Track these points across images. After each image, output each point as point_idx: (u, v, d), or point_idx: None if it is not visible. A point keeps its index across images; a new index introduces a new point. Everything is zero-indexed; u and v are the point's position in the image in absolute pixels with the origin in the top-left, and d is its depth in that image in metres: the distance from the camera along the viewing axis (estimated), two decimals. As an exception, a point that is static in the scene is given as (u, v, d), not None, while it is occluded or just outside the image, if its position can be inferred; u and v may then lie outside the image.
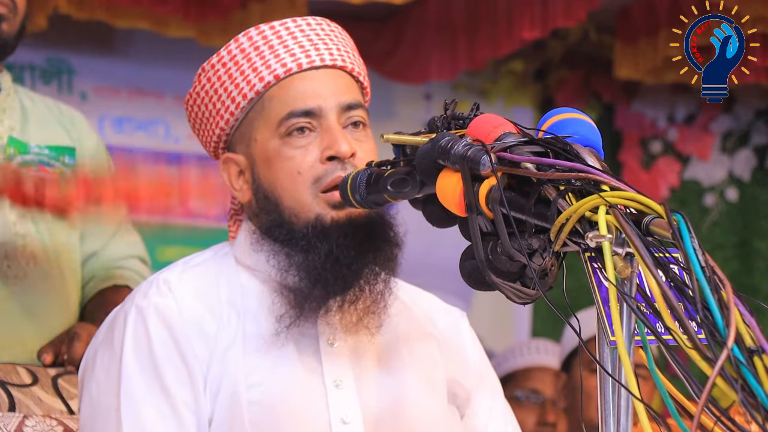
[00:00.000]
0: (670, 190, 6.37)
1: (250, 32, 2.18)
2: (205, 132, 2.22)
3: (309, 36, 2.18)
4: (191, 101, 2.22)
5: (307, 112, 2.12)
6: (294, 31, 2.18)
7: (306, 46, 2.16)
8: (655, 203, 1.48)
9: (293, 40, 2.17)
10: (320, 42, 2.17)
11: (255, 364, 2.08)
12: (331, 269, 2.07)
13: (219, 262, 2.19)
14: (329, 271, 2.07)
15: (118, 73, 5.60)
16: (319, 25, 2.20)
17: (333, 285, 2.07)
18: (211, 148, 2.24)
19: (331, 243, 2.07)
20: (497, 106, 6.07)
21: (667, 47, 5.06)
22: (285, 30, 2.18)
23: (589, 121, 1.69)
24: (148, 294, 2.11)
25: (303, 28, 2.18)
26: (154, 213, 5.78)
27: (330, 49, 2.17)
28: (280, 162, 2.12)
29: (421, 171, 1.79)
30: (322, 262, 2.07)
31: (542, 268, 1.63)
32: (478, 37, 5.18)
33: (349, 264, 2.07)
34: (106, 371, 2.09)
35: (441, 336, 2.26)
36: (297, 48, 2.16)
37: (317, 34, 2.18)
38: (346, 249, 2.07)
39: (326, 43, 2.17)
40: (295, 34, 2.17)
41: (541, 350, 4.93)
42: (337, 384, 2.11)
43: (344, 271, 2.07)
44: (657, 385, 1.44)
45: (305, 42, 2.17)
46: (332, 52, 2.17)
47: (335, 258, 2.07)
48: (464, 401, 2.24)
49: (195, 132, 2.26)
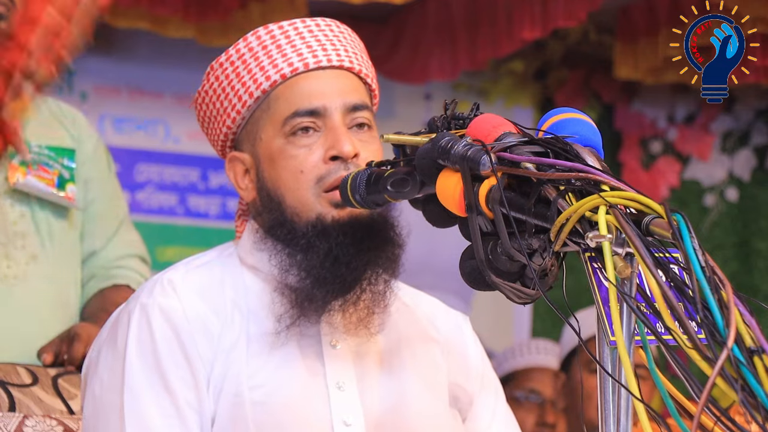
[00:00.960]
0: (670, 190, 6.37)
1: (258, 31, 2.18)
2: (212, 130, 2.22)
3: (317, 36, 2.18)
4: (200, 99, 2.23)
5: (311, 112, 2.12)
6: (302, 31, 2.18)
7: (314, 46, 2.16)
8: (655, 203, 1.48)
9: (301, 40, 2.17)
10: (328, 43, 2.17)
11: (258, 365, 2.08)
12: (329, 268, 2.07)
13: (223, 263, 2.19)
14: (328, 269, 2.07)
15: (118, 73, 5.60)
16: (328, 26, 2.20)
17: (332, 284, 2.07)
18: (218, 147, 2.24)
19: (331, 242, 2.07)
20: (497, 106, 6.08)
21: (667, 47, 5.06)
22: (293, 30, 2.18)
23: (589, 121, 1.69)
24: (153, 293, 2.11)
25: (312, 28, 2.18)
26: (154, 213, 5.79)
27: (338, 50, 2.17)
28: (284, 161, 2.12)
29: (421, 171, 1.79)
30: (321, 261, 2.07)
31: (542, 268, 1.63)
32: (478, 37, 5.19)
33: (348, 262, 2.07)
34: (109, 370, 2.09)
35: (443, 339, 2.26)
36: (305, 48, 2.16)
37: (326, 35, 2.18)
38: (345, 248, 2.07)
39: (334, 44, 2.17)
40: (304, 35, 2.17)
41: (540, 350, 4.93)
42: (340, 386, 2.11)
43: (343, 270, 2.07)
44: (657, 385, 1.44)
45: (313, 42, 2.17)
46: (339, 53, 2.17)
47: (334, 257, 2.07)
48: (466, 405, 2.24)
49: (204, 130, 2.26)
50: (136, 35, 5.39)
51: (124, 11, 4.89)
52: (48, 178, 2.90)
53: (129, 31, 5.24)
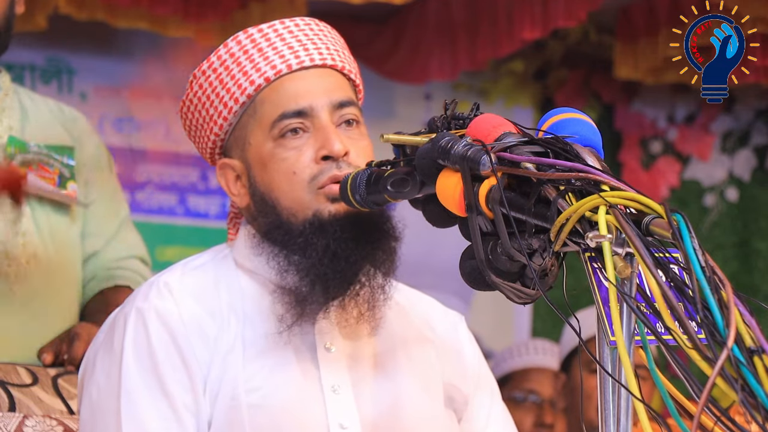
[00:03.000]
0: (670, 190, 6.37)
1: (238, 36, 2.18)
2: (200, 138, 2.22)
3: (297, 36, 2.17)
4: (185, 108, 2.22)
5: (299, 113, 2.12)
6: (282, 32, 2.18)
7: (295, 46, 2.16)
8: (655, 203, 1.48)
9: (282, 41, 2.16)
10: (309, 42, 2.17)
11: (255, 369, 2.08)
12: (329, 264, 2.07)
13: (218, 265, 2.19)
14: (327, 266, 2.07)
15: (118, 73, 5.60)
16: (307, 26, 2.20)
17: (332, 280, 2.07)
18: (207, 154, 2.23)
19: (329, 238, 2.06)
20: (497, 106, 6.07)
21: (667, 47, 5.06)
22: (273, 32, 2.18)
23: (589, 121, 1.69)
24: (149, 296, 2.10)
25: (291, 29, 2.18)
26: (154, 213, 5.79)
27: (319, 48, 2.17)
28: (275, 164, 2.11)
29: (421, 171, 1.79)
30: (320, 258, 2.07)
31: (542, 268, 1.63)
32: (478, 37, 5.19)
33: (347, 257, 2.07)
34: (106, 374, 2.09)
35: (439, 340, 2.25)
36: (286, 49, 2.15)
37: (306, 34, 2.18)
38: (343, 242, 2.06)
39: (315, 43, 2.17)
40: (284, 36, 2.17)
41: (539, 351, 4.93)
42: (335, 389, 2.10)
43: (342, 265, 2.07)
44: (657, 385, 1.44)
45: (294, 43, 2.16)
46: (321, 52, 2.16)
47: (333, 252, 2.07)
48: (462, 405, 2.24)
49: (190, 138, 2.25)
50: (136, 35, 5.39)
51: (124, 11, 4.89)
52: (49, 177, 2.90)
53: (129, 31, 5.24)
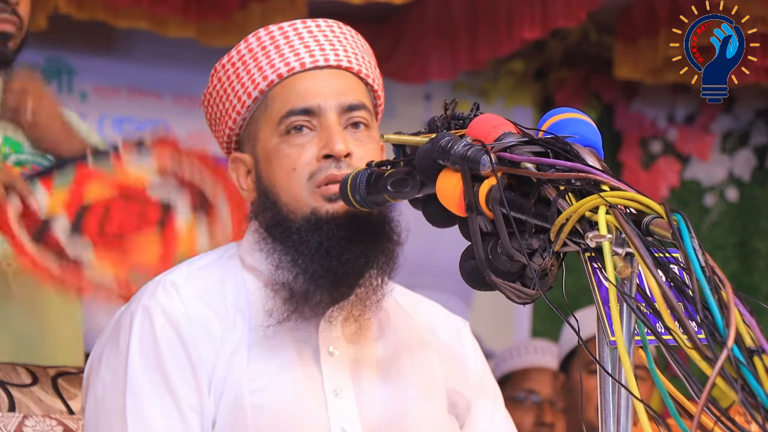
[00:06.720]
0: (670, 190, 6.37)
1: (259, 32, 2.19)
2: (218, 131, 2.24)
3: (316, 36, 2.17)
4: (206, 101, 2.24)
5: (306, 111, 2.12)
6: (302, 31, 2.18)
7: (311, 46, 2.16)
8: (655, 203, 1.48)
9: (300, 40, 2.17)
10: (327, 43, 2.17)
11: (259, 369, 2.08)
12: (320, 261, 2.07)
13: (224, 265, 2.19)
14: (318, 263, 2.07)
15: (118, 73, 5.60)
16: (328, 27, 2.20)
17: (323, 278, 2.07)
18: (224, 148, 2.25)
19: (323, 236, 2.06)
20: (497, 106, 6.07)
21: (667, 47, 5.06)
22: (293, 30, 2.18)
23: (589, 121, 1.69)
24: (155, 294, 2.11)
25: (311, 29, 2.18)
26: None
27: (336, 50, 2.17)
28: (278, 159, 2.12)
29: (421, 171, 1.79)
30: (312, 255, 2.07)
31: (542, 268, 1.63)
32: (478, 37, 5.19)
33: (339, 255, 2.06)
34: (111, 371, 2.09)
35: (442, 345, 2.25)
36: (302, 48, 2.16)
37: (325, 35, 2.18)
38: (336, 241, 2.06)
39: (333, 44, 2.17)
40: (303, 35, 2.17)
41: (538, 351, 4.94)
42: (337, 393, 2.10)
43: (334, 263, 2.07)
44: (657, 385, 1.44)
45: (311, 42, 2.17)
46: (338, 53, 2.16)
47: (325, 250, 2.07)
48: (464, 411, 2.24)
49: (212, 131, 2.27)
50: (136, 35, 5.39)
51: (124, 11, 4.89)
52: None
53: (129, 31, 5.24)
